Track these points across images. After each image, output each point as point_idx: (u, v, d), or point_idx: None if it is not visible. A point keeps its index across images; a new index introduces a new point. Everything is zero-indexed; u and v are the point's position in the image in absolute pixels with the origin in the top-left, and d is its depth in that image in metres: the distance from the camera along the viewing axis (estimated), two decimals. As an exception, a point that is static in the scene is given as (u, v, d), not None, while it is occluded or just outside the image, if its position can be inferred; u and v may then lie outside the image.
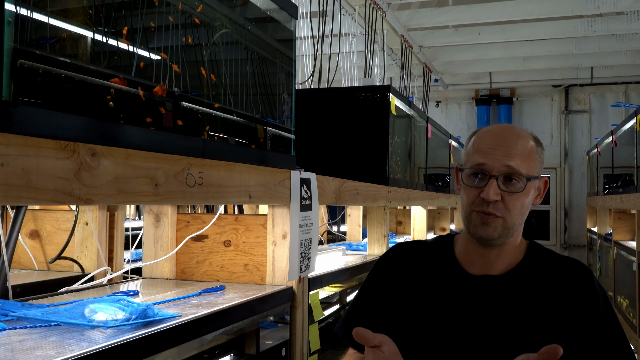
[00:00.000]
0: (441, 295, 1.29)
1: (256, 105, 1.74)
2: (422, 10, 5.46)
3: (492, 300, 1.25)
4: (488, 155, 1.23)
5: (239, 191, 1.56)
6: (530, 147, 1.26)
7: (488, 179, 1.22)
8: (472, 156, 1.26)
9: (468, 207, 1.25)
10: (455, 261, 1.33)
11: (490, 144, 1.25)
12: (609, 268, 5.37)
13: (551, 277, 1.28)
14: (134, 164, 1.16)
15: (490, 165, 1.22)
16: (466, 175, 1.26)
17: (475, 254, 1.30)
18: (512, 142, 1.24)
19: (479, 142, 1.27)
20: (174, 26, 1.39)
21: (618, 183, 5.04)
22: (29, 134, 0.93)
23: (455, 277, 1.30)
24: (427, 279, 1.32)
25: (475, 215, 1.24)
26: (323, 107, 3.10)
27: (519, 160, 1.23)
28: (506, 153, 1.22)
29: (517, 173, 1.22)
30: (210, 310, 1.47)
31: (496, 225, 1.23)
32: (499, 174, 1.22)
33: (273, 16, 1.88)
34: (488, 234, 1.23)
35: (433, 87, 7.38)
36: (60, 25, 1.07)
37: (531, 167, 1.25)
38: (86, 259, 2.05)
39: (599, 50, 6.44)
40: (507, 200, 1.22)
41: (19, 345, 1.12)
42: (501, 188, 1.22)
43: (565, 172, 8.56)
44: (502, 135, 1.26)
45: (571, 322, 1.21)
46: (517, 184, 1.23)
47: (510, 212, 1.23)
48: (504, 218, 1.23)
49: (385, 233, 3.14)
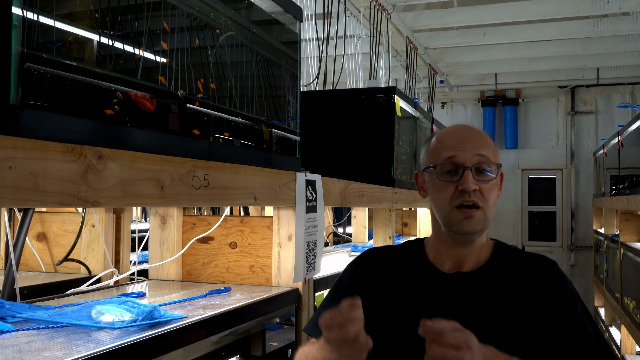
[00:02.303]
0: (416, 294, 1.34)
1: (261, 107, 1.75)
2: (427, 12, 5.45)
3: (465, 295, 1.31)
4: (457, 148, 1.28)
5: (244, 193, 1.56)
6: (492, 142, 1.34)
7: (462, 171, 1.27)
8: (439, 153, 1.31)
9: (447, 206, 1.29)
10: (427, 261, 1.38)
11: (456, 138, 1.31)
12: (615, 270, 5.35)
13: (520, 271, 1.34)
14: (140, 166, 1.17)
15: (462, 156, 1.28)
16: (439, 172, 1.30)
17: (446, 253, 1.35)
18: (476, 136, 1.32)
19: (443, 140, 1.33)
20: (179, 29, 1.40)
21: (625, 184, 5.02)
22: (37, 137, 0.94)
23: (428, 276, 1.35)
24: (401, 279, 1.37)
25: (456, 212, 1.28)
26: (328, 108, 3.10)
27: (487, 149, 1.30)
28: (474, 144, 1.29)
29: (488, 161, 1.28)
30: (216, 311, 1.48)
31: (478, 218, 1.28)
32: (472, 165, 1.27)
33: (278, 19, 1.88)
34: (472, 227, 1.28)
35: (438, 88, 7.36)
36: (66, 29, 1.07)
37: (497, 156, 1.32)
38: (93, 261, 2.06)
39: (605, 51, 6.41)
40: (483, 190, 1.28)
41: (26, 346, 1.13)
42: (476, 178, 1.27)
43: (571, 173, 8.51)
44: (465, 131, 1.33)
45: (544, 311, 1.27)
46: (489, 173, 1.29)
47: (488, 202, 1.28)
48: (483, 209, 1.28)
49: (390, 234, 3.14)
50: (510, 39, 6.07)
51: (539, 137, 8.68)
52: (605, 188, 6.49)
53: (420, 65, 6.13)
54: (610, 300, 5.88)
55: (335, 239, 4.50)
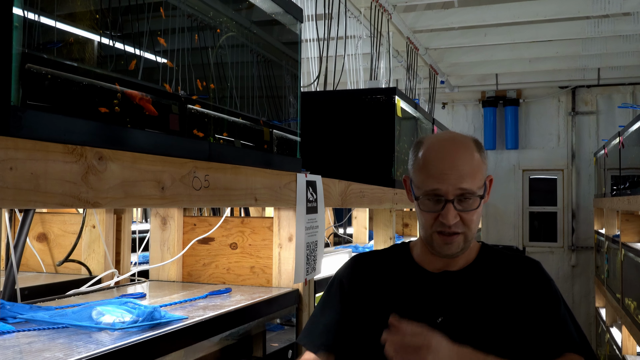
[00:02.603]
0: (406, 294, 1.37)
1: (262, 108, 1.75)
2: (428, 12, 5.45)
3: (454, 293, 1.35)
4: (440, 180, 1.29)
5: (245, 194, 1.56)
6: (476, 159, 1.33)
7: (444, 203, 1.29)
8: (424, 181, 1.31)
9: (429, 229, 1.33)
10: (414, 263, 1.42)
11: (440, 168, 1.30)
12: (616, 270, 5.34)
13: (505, 271, 1.39)
14: (141, 167, 1.17)
15: (445, 189, 1.29)
16: (422, 202, 1.32)
17: (433, 255, 1.39)
18: (460, 162, 1.30)
19: (428, 165, 1.32)
20: (180, 29, 1.40)
21: (625, 184, 5.01)
22: (37, 138, 0.94)
23: (417, 276, 1.39)
24: (390, 282, 1.41)
25: (437, 236, 1.32)
26: (329, 109, 3.10)
27: (470, 179, 1.29)
28: (458, 176, 1.29)
29: (471, 192, 1.29)
30: (216, 312, 1.48)
31: (458, 242, 1.32)
32: (454, 197, 1.29)
33: (278, 19, 1.88)
34: (452, 251, 1.33)
35: (439, 89, 7.36)
36: (67, 30, 1.07)
37: (480, 179, 1.33)
38: (93, 262, 2.06)
39: (606, 51, 6.40)
40: (464, 218, 1.30)
41: (27, 347, 1.12)
42: (457, 208, 1.29)
43: (572, 174, 8.50)
44: (450, 155, 1.31)
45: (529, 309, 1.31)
46: (471, 202, 1.30)
47: (469, 227, 1.32)
48: (464, 233, 1.32)
49: (391, 235, 3.14)
50: (511, 39, 6.07)
51: (540, 137, 8.67)
52: (606, 188, 6.48)
53: (420, 66, 6.12)
54: (611, 300, 5.87)
55: (336, 240, 4.50)
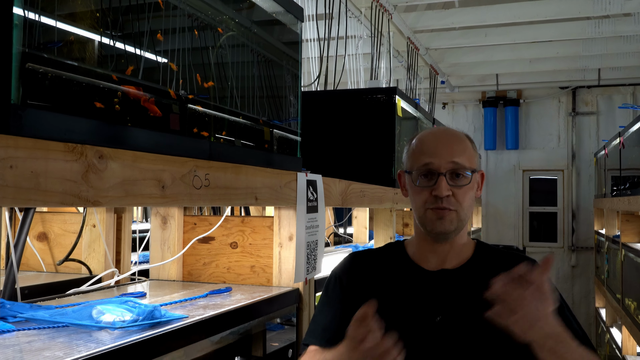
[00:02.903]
0: (404, 293, 1.38)
1: (263, 107, 1.75)
2: (429, 12, 5.44)
3: (451, 291, 1.36)
4: (433, 155, 1.35)
5: (245, 193, 1.56)
6: (468, 145, 1.39)
7: (437, 176, 1.33)
8: (417, 159, 1.37)
9: (422, 207, 1.36)
10: (411, 261, 1.43)
11: (433, 144, 1.37)
12: (617, 270, 5.34)
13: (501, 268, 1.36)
14: (141, 166, 1.17)
15: (437, 163, 1.34)
16: (416, 176, 1.37)
17: (429, 251, 1.41)
18: (452, 141, 1.37)
19: (421, 145, 1.39)
20: (180, 29, 1.40)
21: (626, 185, 5.01)
22: (38, 137, 0.94)
23: (414, 275, 1.40)
24: (387, 280, 1.41)
25: (431, 212, 1.35)
26: (329, 109, 3.10)
27: (462, 156, 1.35)
28: (449, 151, 1.35)
29: (462, 167, 1.34)
30: (216, 311, 1.48)
31: (451, 219, 1.34)
32: (446, 171, 1.33)
33: (279, 19, 1.88)
34: (445, 227, 1.34)
35: (439, 89, 7.35)
36: (68, 29, 1.07)
37: (472, 161, 1.37)
38: (94, 261, 2.06)
39: (606, 52, 6.40)
40: (457, 194, 1.33)
41: (27, 346, 1.13)
42: (450, 184, 1.33)
43: (572, 174, 8.50)
44: (442, 136, 1.39)
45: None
46: (463, 178, 1.34)
47: (462, 205, 1.34)
48: (456, 211, 1.34)
49: (391, 235, 3.14)
50: (512, 39, 6.07)
51: (540, 137, 8.67)
52: (606, 189, 6.48)
53: (421, 66, 6.12)
54: (611, 301, 5.87)
55: (336, 240, 4.50)
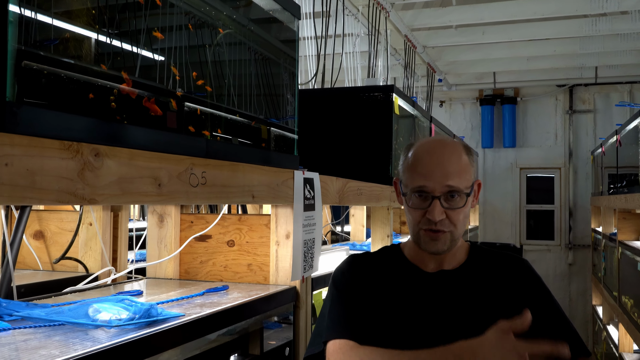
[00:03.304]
0: (404, 294, 1.38)
1: (260, 105, 1.75)
2: (426, 10, 5.44)
3: (451, 291, 1.36)
4: (428, 177, 1.31)
5: (242, 191, 1.56)
6: (464, 161, 1.35)
7: (431, 199, 1.30)
8: (412, 178, 1.34)
9: (416, 226, 1.35)
10: (409, 263, 1.43)
11: (428, 165, 1.33)
12: (613, 268, 5.35)
13: (497, 269, 1.41)
14: (138, 164, 1.16)
15: (432, 186, 1.31)
16: (409, 197, 1.35)
17: (426, 256, 1.40)
18: (448, 161, 1.33)
19: (416, 163, 1.34)
20: (177, 27, 1.39)
21: (623, 183, 5.02)
22: (33, 135, 0.93)
23: (413, 277, 1.40)
24: (387, 282, 1.41)
25: (424, 233, 1.34)
26: (326, 107, 3.10)
27: (457, 178, 1.31)
28: (444, 173, 1.31)
29: (457, 190, 1.31)
30: (213, 310, 1.48)
31: (445, 240, 1.33)
32: (441, 194, 1.30)
33: (276, 17, 1.88)
34: (438, 248, 1.34)
35: (437, 87, 7.35)
36: (64, 27, 1.07)
37: (468, 179, 1.34)
38: (90, 259, 2.05)
39: (604, 50, 6.40)
40: (451, 216, 1.32)
41: (23, 344, 1.12)
42: (444, 206, 1.31)
43: (569, 172, 8.51)
44: (438, 154, 1.34)
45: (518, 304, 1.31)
46: (459, 200, 1.32)
47: (456, 226, 1.33)
48: (450, 232, 1.33)
49: (388, 233, 3.14)
50: (509, 37, 6.07)
51: (537, 136, 8.68)
52: (603, 187, 6.49)
53: (418, 64, 6.12)
54: (608, 298, 5.89)
55: (334, 238, 4.50)
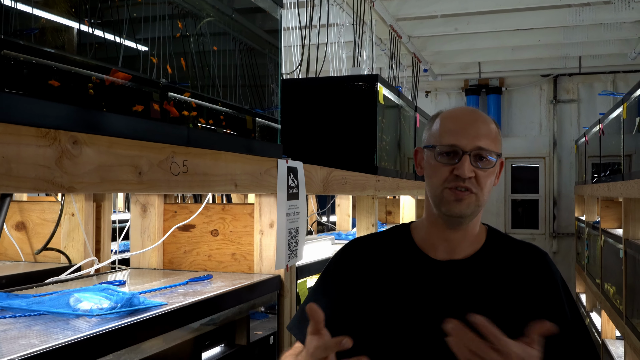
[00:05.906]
0: (408, 284, 1.28)
1: (244, 95, 1.74)
2: (411, 0, 5.44)
3: (460, 284, 1.27)
4: (459, 134, 1.26)
5: (224, 180, 1.55)
6: (494, 129, 1.30)
7: (461, 155, 1.24)
8: (441, 137, 1.28)
9: (440, 186, 1.26)
10: (417, 248, 1.33)
11: (459, 124, 1.28)
12: (596, 256, 5.42)
13: (512, 261, 1.32)
14: (117, 152, 1.15)
15: (463, 142, 1.25)
16: (438, 153, 1.27)
17: (439, 238, 1.31)
18: (480, 123, 1.28)
19: (446, 124, 1.30)
20: (160, 17, 1.38)
21: (606, 172, 5.07)
22: (10, 122, 0.92)
23: (420, 264, 1.30)
24: (390, 269, 1.32)
25: (448, 192, 1.25)
26: (311, 96, 3.10)
27: (487, 140, 1.26)
28: (476, 132, 1.26)
29: (488, 149, 1.25)
30: (196, 298, 1.48)
31: (469, 202, 1.25)
32: (471, 151, 1.24)
33: (259, 5, 1.87)
34: (461, 210, 1.25)
35: (422, 77, 7.37)
36: (44, 16, 1.06)
37: (497, 147, 1.29)
38: (73, 250, 2.04)
39: (587, 40, 6.45)
40: (479, 177, 1.25)
41: (2, 334, 1.11)
42: (473, 165, 1.24)
43: (554, 162, 8.59)
44: (469, 117, 1.30)
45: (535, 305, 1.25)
46: (487, 161, 1.26)
47: (482, 189, 1.25)
48: (476, 195, 1.25)
49: (373, 222, 3.15)
50: (494, 27, 6.09)
51: (522, 125, 8.74)
52: (586, 176, 6.56)
53: (404, 54, 6.12)
54: (591, 286, 5.96)
55: (320, 228, 4.51)
